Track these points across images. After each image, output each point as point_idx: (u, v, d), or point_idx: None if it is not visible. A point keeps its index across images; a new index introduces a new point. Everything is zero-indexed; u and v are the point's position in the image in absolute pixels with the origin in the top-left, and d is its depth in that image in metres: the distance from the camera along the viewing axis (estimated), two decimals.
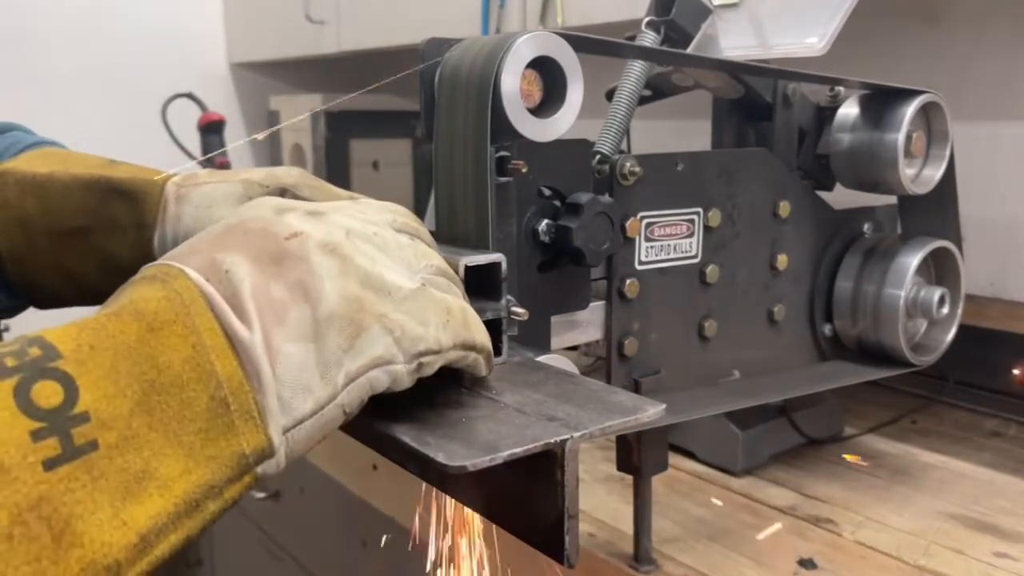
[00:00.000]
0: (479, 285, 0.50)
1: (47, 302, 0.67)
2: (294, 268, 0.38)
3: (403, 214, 0.46)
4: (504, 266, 0.51)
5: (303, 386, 0.37)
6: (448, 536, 0.61)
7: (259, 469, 0.36)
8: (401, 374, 0.40)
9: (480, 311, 0.46)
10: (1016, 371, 1.00)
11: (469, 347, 0.43)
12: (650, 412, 0.44)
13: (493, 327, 0.49)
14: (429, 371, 0.41)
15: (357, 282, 0.39)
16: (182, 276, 0.37)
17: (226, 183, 0.59)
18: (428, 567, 0.63)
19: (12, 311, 0.67)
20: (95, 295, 0.64)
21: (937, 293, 0.77)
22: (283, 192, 0.59)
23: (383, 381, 0.40)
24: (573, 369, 0.55)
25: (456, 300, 0.43)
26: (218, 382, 0.35)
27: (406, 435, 0.42)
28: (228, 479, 0.35)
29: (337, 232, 0.41)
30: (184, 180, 0.61)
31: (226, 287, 0.37)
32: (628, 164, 0.63)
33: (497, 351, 0.50)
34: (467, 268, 0.48)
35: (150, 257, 0.61)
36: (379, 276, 0.40)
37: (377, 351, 0.39)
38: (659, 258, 0.67)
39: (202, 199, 0.59)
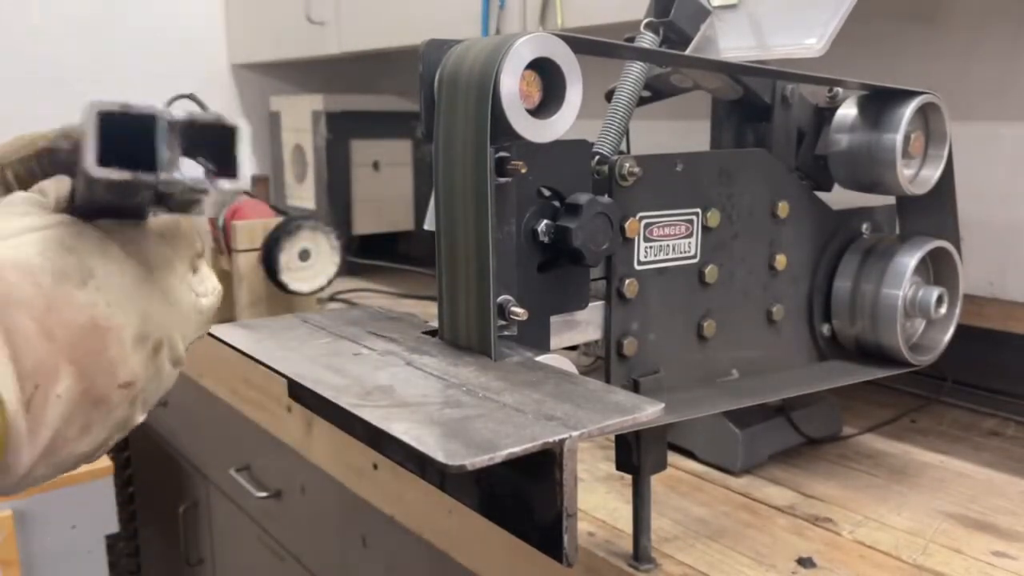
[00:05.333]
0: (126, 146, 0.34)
1: None
2: None
3: None
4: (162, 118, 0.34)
5: None
6: None
7: None
8: None
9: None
10: None
11: None
12: (648, 411, 0.45)
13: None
14: None
15: None
16: None
17: None
18: None
19: None
20: None
21: (935, 293, 0.77)
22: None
23: None
24: (572, 369, 0.56)
25: None
26: None
27: (406, 435, 0.42)
28: None
29: None
30: None
31: None
32: (627, 165, 0.63)
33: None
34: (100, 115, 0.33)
35: None
36: None
37: None
38: (658, 258, 0.67)
39: None
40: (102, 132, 0.33)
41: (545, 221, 0.59)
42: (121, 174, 0.34)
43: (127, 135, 0.34)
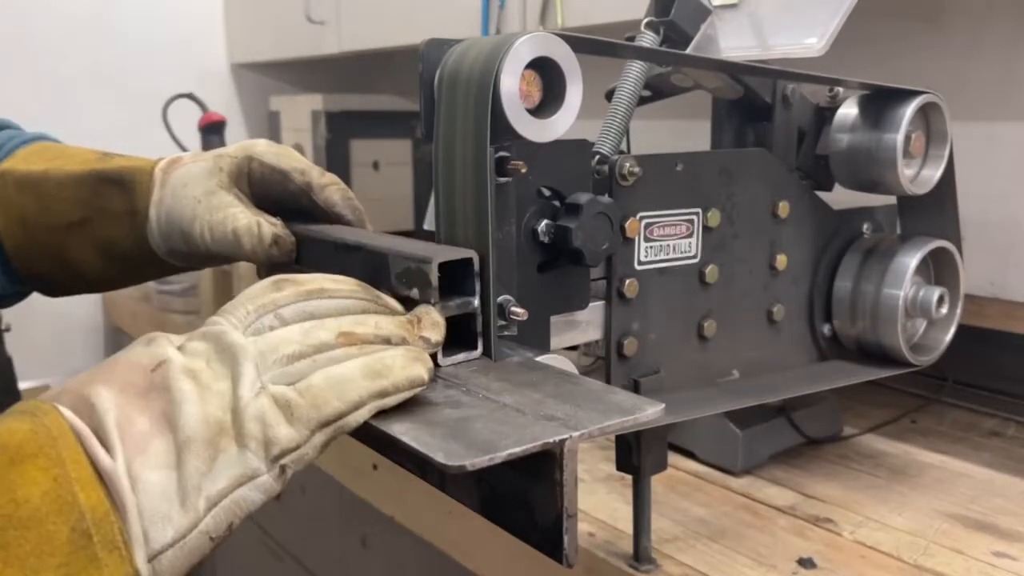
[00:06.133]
0: (455, 280, 0.50)
1: (54, 291, 0.68)
2: (158, 399, 0.40)
3: (279, 287, 0.45)
4: (476, 262, 0.51)
5: (162, 515, 0.37)
6: None
7: None
8: (269, 484, 0.41)
9: (445, 307, 0.48)
10: None
11: (333, 419, 0.42)
12: (649, 412, 0.44)
13: (464, 321, 0.50)
14: (299, 466, 0.42)
15: (218, 406, 0.40)
16: (53, 411, 0.37)
17: (199, 161, 0.61)
18: None
19: (17, 297, 0.68)
20: (99, 282, 0.66)
21: (936, 293, 0.77)
22: (250, 160, 0.60)
23: (254, 498, 0.41)
24: (572, 369, 0.55)
25: (306, 381, 0.42)
26: (80, 513, 0.35)
27: (406, 435, 0.42)
28: None
29: (198, 360, 0.42)
30: (168, 164, 0.62)
31: (92, 419, 0.38)
32: (627, 164, 0.63)
33: (472, 344, 0.51)
34: (439, 265, 0.49)
35: (145, 241, 0.62)
36: (236, 395, 0.41)
37: (237, 469, 0.40)
38: (658, 258, 0.67)
39: (178, 179, 0.61)
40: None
41: (545, 221, 0.58)
42: (460, 308, 0.49)
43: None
